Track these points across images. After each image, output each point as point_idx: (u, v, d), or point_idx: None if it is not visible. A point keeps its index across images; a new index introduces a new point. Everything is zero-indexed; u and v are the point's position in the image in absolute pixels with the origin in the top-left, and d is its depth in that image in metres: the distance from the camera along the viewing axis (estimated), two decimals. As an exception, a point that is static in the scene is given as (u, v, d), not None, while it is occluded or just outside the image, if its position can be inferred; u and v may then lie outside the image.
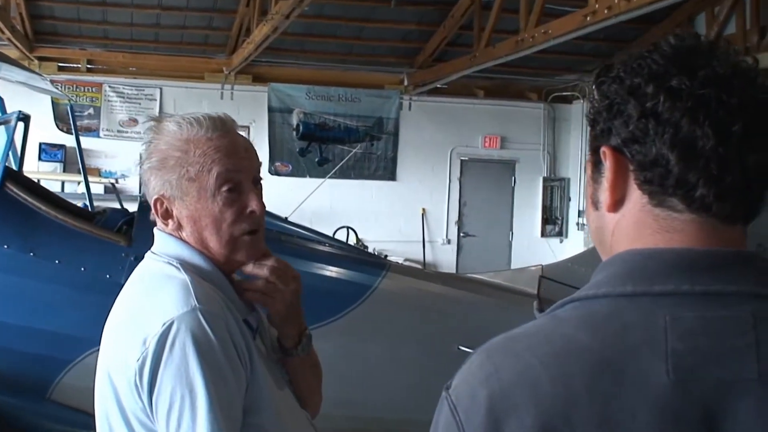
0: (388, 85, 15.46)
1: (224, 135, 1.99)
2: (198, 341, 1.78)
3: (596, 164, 1.28)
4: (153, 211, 2.03)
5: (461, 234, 15.91)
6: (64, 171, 13.13)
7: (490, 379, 1.16)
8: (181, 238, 2.01)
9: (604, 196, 1.26)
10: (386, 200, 15.26)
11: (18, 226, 4.11)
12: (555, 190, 16.20)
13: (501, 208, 16.13)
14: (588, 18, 9.26)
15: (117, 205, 9.70)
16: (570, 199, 16.12)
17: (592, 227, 1.33)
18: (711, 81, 1.16)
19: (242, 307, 2.03)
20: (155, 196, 2.01)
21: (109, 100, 14.33)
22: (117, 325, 1.96)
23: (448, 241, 15.80)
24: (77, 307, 4.10)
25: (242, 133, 2.11)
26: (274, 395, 1.97)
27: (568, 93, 15.90)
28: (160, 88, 14.58)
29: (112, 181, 13.15)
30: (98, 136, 13.96)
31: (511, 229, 16.16)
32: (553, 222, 16.17)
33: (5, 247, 4.02)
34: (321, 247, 4.70)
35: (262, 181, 2.06)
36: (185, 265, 1.96)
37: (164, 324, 1.80)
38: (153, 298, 1.90)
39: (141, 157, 2.05)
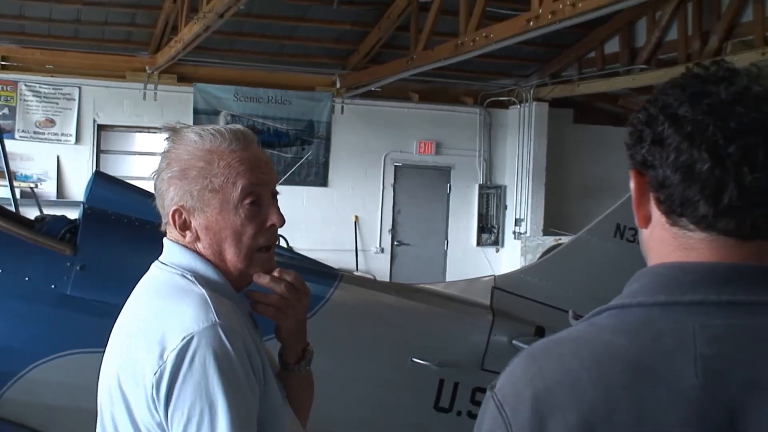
0: (319, 86, 15.55)
1: (246, 147, 2.04)
2: (218, 357, 1.83)
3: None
4: (170, 221, 2.05)
5: (395, 242, 16.09)
6: (-23, 174, 12.92)
7: (534, 380, 1.31)
8: (195, 250, 2.05)
9: (635, 212, 1.43)
10: (317, 207, 15.33)
11: (-44, 234, 4.08)
12: (491, 198, 16.46)
13: (436, 215, 16.35)
14: (531, 23, 9.48)
15: (36, 211, 9.59)
16: (506, 207, 16.38)
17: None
18: (713, 108, 1.31)
19: (250, 324, 2.09)
20: (174, 207, 2.03)
21: (24, 100, 14.14)
22: (129, 335, 1.98)
23: (382, 250, 15.96)
24: (21, 319, 4.08)
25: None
26: (284, 410, 2.06)
27: (505, 98, 16.21)
28: (79, 87, 14.43)
29: (31, 185, 12.97)
30: (13, 138, 13.71)
31: (447, 238, 16.38)
32: (489, 231, 16.42)
33: (-56, 256, 4.00)
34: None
35: (278, 195, 2.13)
36: (199, 278, 2.00)
37: (184, 338, 1.84)
38: (170, 311, 1.93)
39: (159, 166, 2.07)
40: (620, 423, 1.25)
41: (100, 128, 14.69)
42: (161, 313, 1.95)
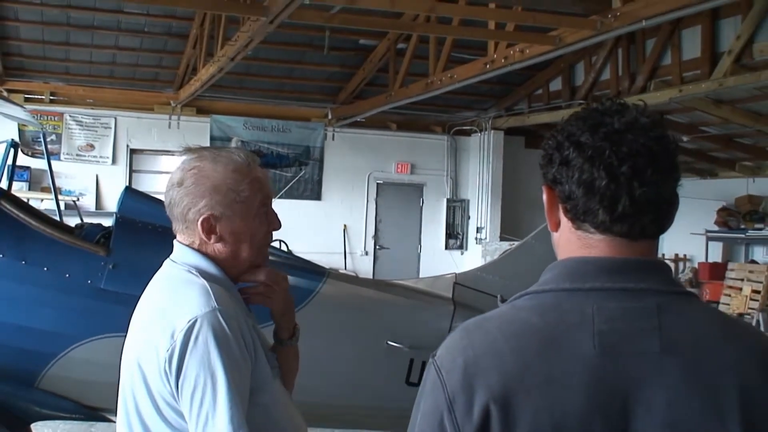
0: (314, 118, 15.56)
1: (256, 168, 2.10)
2: (217, 335, 1.87)
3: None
4: (199, 227, 2.05)
5: (377, 246, 16.08)
6: (29, 189, 12.90)
7: (466, 349, 1.35)
8: (200, 251, 2.07)
9: (547, 219, 1.46)
10: (313, 217, 15.30)
11: (11, 237, 4.05)
12: (457, 210, 16.48)
13: (411, 224, 16.36)
14: (488, 65, 9.57)
15: (78, 220, 9.58)
16: (469, 218, 16.39)
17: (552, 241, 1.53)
18: (608, 136, 1.36)
19: (244, 309, 2.11)
20: (205, 215, 2.03)
21: (69, 128, 14.16)
22: (146, 320, 2.01)
23: (366, 253, 15.94)
24: (62, 308, 4.06)
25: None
26: (272, 381, 2.08)
27: (468, 127, 16.26)
28: (115, 118, 14.44)
29: (74, 198, 12.94)
30: (59, 159, 13.72)
31: (420, 243, 16.39)
32: (454, 237, 16.43)
33: (1, 256, 4.00)
34: (270, 258, 4.75)
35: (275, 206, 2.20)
36: (202, 273, 2.02)
37: (189, 321, 1.87)
38: (179, 299, 1.96)
39: (188, 182, 2.06)
40: (532, 384, 1.29)
41: (132, 152, 14.69)
42: (172, 301, 1.98)
